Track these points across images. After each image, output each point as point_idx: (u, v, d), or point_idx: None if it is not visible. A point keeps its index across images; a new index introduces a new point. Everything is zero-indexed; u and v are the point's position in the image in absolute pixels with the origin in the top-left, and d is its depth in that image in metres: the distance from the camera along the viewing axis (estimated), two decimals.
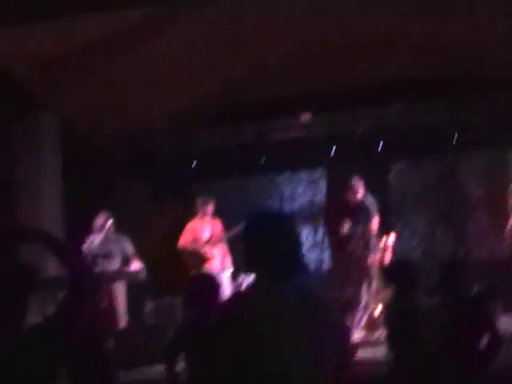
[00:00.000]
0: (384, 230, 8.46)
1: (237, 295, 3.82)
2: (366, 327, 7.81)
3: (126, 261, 8.42)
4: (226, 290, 8.38)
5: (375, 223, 8.61)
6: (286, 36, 9.63)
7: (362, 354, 7.11)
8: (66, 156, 9.99)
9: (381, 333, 7.10)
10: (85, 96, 9.40)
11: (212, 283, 4.76)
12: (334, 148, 11.21)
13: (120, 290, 8.41)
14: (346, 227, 8.49)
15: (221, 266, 9.26)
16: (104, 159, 10.91)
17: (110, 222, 8.50)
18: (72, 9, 7.72)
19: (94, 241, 8.34)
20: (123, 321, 8.35)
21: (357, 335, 7.95)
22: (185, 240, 9.39)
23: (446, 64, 10.59)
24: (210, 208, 9.41)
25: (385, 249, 8.11)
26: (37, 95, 9.30)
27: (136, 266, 8.42)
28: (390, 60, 10.53)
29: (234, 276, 9.36)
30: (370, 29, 9.68)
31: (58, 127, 9.97)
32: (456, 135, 10.96)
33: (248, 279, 8.52)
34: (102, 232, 8.40)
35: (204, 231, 9.43)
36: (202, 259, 9.18)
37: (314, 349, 2.55)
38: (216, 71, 10.29)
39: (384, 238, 8.23)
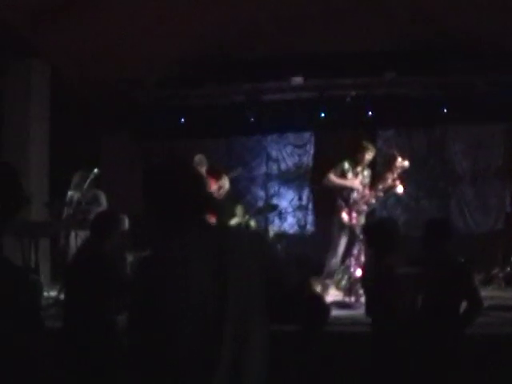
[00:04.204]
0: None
1: None
2: (346, 290, 7.79)
3: None
4: None
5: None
6: None
7: (342, 313, 7.21)
8: (54, 103, 9.94)
9: (361, 295, 7.12)
10: (74, 45, 9.29)
11: None
12: (323, 112, 11.20)
13: None
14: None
15: None
16: (92, 109, 10.82)
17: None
18: None
19: (73, 196, 8.25)
20: None
21: (337, 296, 8.00)
22: None
23: (436, 38, 10.59)
24: (204, 169, 9.02)
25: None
26: (28, 43, 9.18)
27: None
28: (385, 30, 10.52)
29: None
30: None
31: (48, 75, 9.92)
32: (445, 108, 10.98)
33: None
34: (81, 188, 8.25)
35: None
36: None
37: None
38: (209, 30, 10.21)
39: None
